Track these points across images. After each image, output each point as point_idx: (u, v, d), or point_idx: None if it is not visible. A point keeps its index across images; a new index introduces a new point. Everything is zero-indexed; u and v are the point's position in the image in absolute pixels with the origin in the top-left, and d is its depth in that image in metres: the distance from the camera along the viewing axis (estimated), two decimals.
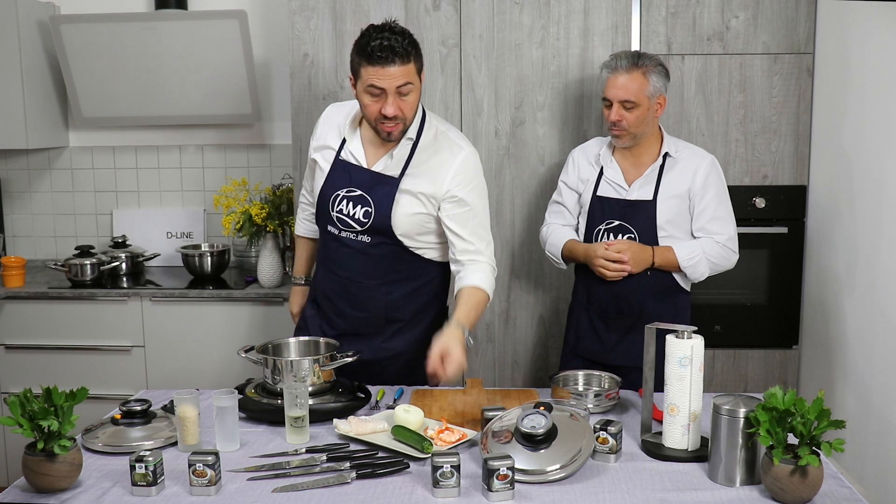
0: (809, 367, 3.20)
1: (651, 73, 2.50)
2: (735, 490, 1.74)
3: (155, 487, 1.71)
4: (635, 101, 2.48)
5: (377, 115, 2.22)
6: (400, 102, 2.20)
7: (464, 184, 2.32)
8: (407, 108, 2.23)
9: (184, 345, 3.49)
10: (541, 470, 1.76)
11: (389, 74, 2.15)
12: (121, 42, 3.55)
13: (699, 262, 2.52)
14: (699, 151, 2.60)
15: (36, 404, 1.69)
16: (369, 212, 2.32)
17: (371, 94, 2.20)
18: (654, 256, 2.50)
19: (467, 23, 3.13)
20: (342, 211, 2.35)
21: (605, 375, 2.28)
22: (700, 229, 2.54)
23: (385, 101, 2.19)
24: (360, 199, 2.34)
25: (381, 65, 2.14)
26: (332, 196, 2.37)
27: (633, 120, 2.50)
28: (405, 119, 2.25)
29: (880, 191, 2.62)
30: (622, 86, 2.49)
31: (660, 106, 2.54)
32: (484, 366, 3.31)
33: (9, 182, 4.02)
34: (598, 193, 2.61)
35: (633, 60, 2.50)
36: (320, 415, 2.07)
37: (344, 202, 2.35)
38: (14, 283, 3.54)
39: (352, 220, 2.35)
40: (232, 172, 3.88)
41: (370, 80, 2.17)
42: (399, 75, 2.16)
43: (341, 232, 2.37)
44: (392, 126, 2.24)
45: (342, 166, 2.37)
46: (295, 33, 3.18)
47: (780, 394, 1.68)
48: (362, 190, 2.33)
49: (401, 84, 2.18)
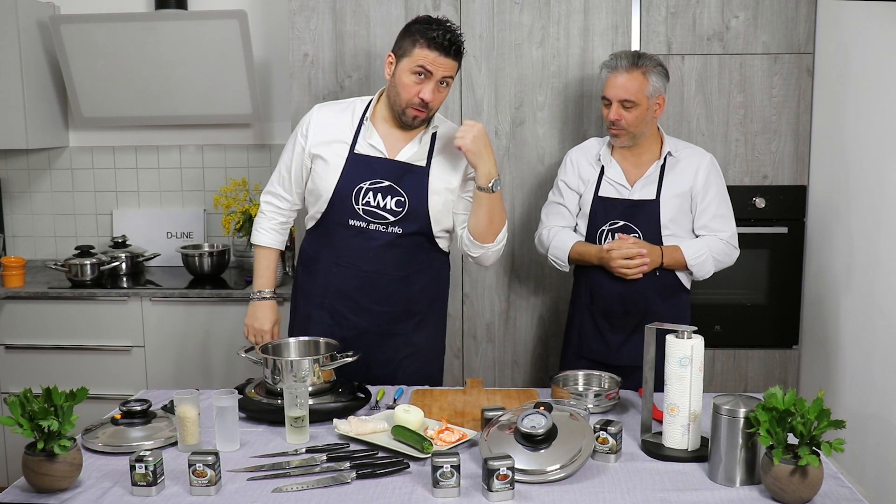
0: (809, 367, 3.20)
1: (651, 73, 2.50)
2: (735, 490, 1.73)
3: (155, 487, 1.71)
4: (634, 100, 2.49)
5: (412, 98, 2.31)
6: (437, 92, 2.33)
7: None
8: (439, 100, 2.36)
9: (184, 345, 3.49)
10: (541, 470, 1.76)
11: (442, 64, 2.29)
12: (121, 42, 3.55)
13: (706, 261, 2.54)
14: (698, 150, 2.62)
15: (36, 404, 1.69)
16: (402, 201, 2.36)
17: (416, 75, 2.30)
18: (663, 256, 2.51)
19: (467, 23, 3.13)
20: (369, 203, 2.36)
21: (605, 375, 2.28)
22: (703, 227, 2.56)
23: (426, 85, 2.30)
24: (389, 190, 2.36)
25: (440, 52, 2.27)
26: (353, 189, 2.37)
27: (632, 120, 2.50)
28: (433, 109, 2.36)
29: (880, 191, 2.62)
30: (621, 85, 2.50)
31: (659, 106, 2.54)
32: (484, 366, 3.31)
33: (9, 182, 4.02)
34: (600, 194, 2.61)
35: (632, 60, 2.51)
36: (320, 415, 2.07)
37: (370, 194, 2.36)
38: (14, 283, 3.54)
39: (383, 211, 2.36)
40: (232, 172, 3.88)
41: (422, 61, 2.28)
42: (449, 68, 2.31)
43: (370, 225, 2.38)
44: (421, 112, 2.33)
45: (360, 160, 2.39)
46: (295, 33, 3.18)
47: (780, 394, 1.68)
48: (390, 180, 2.37)
49: (446, 75, 2.31)
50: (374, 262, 2.40)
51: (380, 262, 2.40)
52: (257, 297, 2.54)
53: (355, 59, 3.17)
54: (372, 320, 2.44)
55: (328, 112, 2.48)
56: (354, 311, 2.44)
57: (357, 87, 3.17)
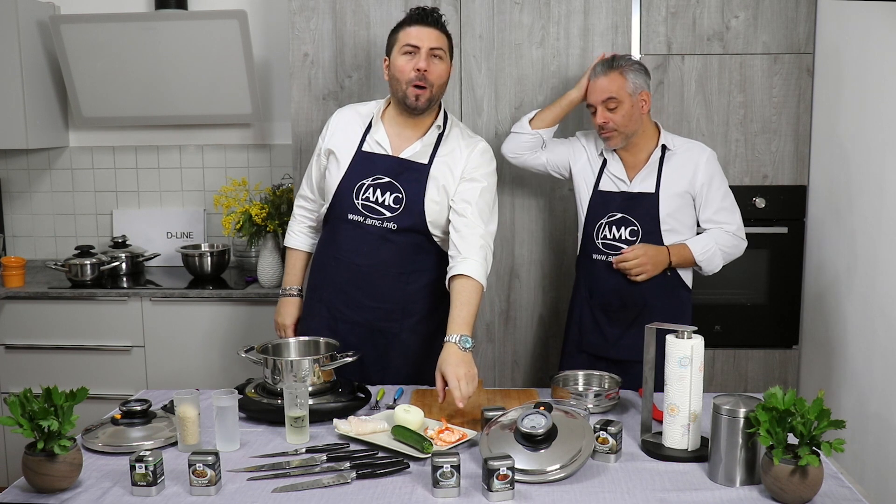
0: (809, 367, 3.20)
1: (628, 71, 2.53)
2: (735, 490, 1.73)
3: (155, 487, 1.71)
4: (616, 97, 2.51)
5: (409, 76, 2.33)
6: (431, 65, 2.34)
7: (482, 166, 2.44)
8: (436, 75, 2.36)
9: (184, 345, 3.49)
10: (541, 470, 1.76)
11: (426, 35, 2.34)
12: (121, 42, 3.55)
13: (714, 255, 2.54)
14: (697, 145, 2.62)
15: (36, 404, 1.69)
16: (399, 198, 2.38)
17: (406, 55, 2.34)
18: (671, 256, 2.52)
19: (467, 23, 3.13)
20: (368, 198, 2.39)
21: (605, 375, 2.28)
22: (708, 220, 2.57)
23: (418, 58, 2.33)
24: (388, 186, 2.38)
25: (419, 24, 2.34)
26: (356, 185, 2.40)
27: (619, 119, 2.52)
28: (433, 86, 2.36)
29: (880, 191, 2.62)
30: (602, 88, 2.54)
31: (644, 102, 2.56)
32: (484, 366, 3.30)
33: (9, 182, 4.02)
34: (600, 188, 2.62)
35: (608, 64, 2.56)
36: (320, 415, 2.07)
37: (370, 190, 2.39)
38: (14, 283, 3.54)
39: (381, 207, 2.38)
40: (232, 172, 3.88)
41: (407, 39, 2.34)
42: (434, 38, 2.35)
43: (366, 219, 2.40)
44: (421, 90, 2.34)
45: (366, 157, 2.42)
46: (295, 33, 3.18)
47: (780, 394, 1.68)
48: (390, 177, 2.39)
49: (434, 46, 2.34)
50: (368, 256, 2.41)
51: (373, 257, 2.41)
52: (283, 293, 2.65)
53: (355, 59, 3.17)
54: (365, 315, 2.45)
55: (347, 113, 2.54)
56: (349, 305, 2.46)
57: (357, 87, 3.17)
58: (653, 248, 2.51)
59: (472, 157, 2.43)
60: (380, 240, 2.39)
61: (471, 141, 2.47)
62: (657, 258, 2.51)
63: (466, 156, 2.43)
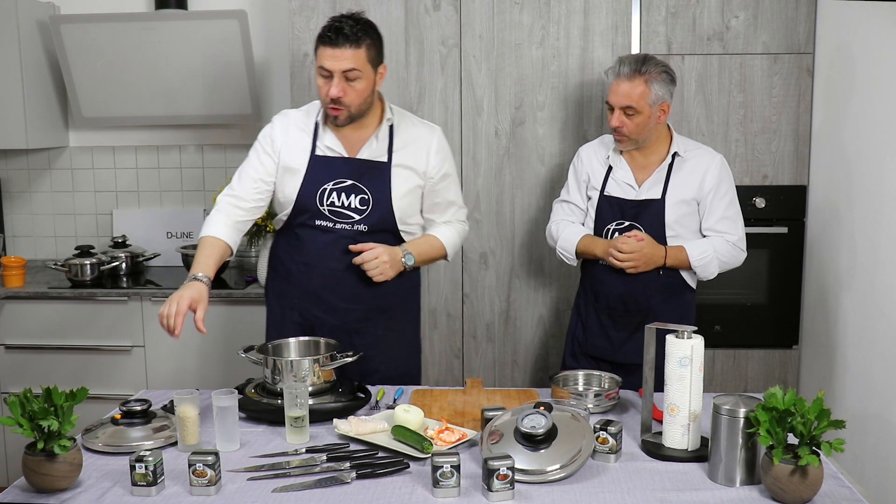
0: (809, 367, 3.20)
1: (654, 81, 2.45)
2: (735, 490, 1.73)
3: (155, 487, 1.71)
4: (636, 108, 2.45)
5: (325, 98, 2.30)
6: (346, 87, 2.26)
7: (447, 158, 2.49)
8: (352, 95, 2.28)
9: (184, 345, 3.48)
10: (541, 470, 1.76)
11: (335, 56, 2.23)
12: (121, 42, 3.55)
13: (710, 262, 2.52)
14: (708, 151, 2.58)
15: (36, 404, 1.69)
16: (366, 199, 2.38)
17: (321, 76, 2.28)
18: (666, 256, 2.50)
19: (467, 23, 3.13)
20: (334, 203, 2.38)
21: (605, 375, 2.28)
22: (710, 229, 2.55)
23: (331, 83, 2.26)
24: (352, 189, 2.38)
25: (327, 45, 2.24)
26: (317, 192, 2.38)
27: (634, 127, 2.48)
28: (349, 105, 2.30)
29: (880, 191, 2.62)
30: (623, 93, 2.45)
31: (663, 112, 2.50)
32: (484, 366, 3.31)
33: (9, 182, 4.02)
34: (607, 193, 2.60)
35: (635, 67, 2.45)
36: (320, 415, 2.07)
37: (334, 194, 2.38)
38: (14, 283, 3.54)
39: (348, 210, 2.38)
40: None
41: (319, 62, 2.26)
42: (345, 58, 2.23)
43: (336, 224, 2.39)
44: (338, 109, 2.30)
45: (322, 161, 2.40)
46: (295, 33, 3.18)
47: (780, 394, 1.68)
48: (353, 179, 2.38)
49: (347, 69, 2.24)
50: (341, 260, 2.40)
51: (346, 260, 2.40)
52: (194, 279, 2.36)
53: None
54: (341, 318, 2.45)
55: (285, 122, 2.46)
56: (324, 309, 2.45)
57: None
58: (649, 247, 2.49)
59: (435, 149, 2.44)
60: (352, 242, 2.38)
61: (427, 129, 2.47)
62: (651, 258, 2.48)
63: (428, 145, 2.43)
